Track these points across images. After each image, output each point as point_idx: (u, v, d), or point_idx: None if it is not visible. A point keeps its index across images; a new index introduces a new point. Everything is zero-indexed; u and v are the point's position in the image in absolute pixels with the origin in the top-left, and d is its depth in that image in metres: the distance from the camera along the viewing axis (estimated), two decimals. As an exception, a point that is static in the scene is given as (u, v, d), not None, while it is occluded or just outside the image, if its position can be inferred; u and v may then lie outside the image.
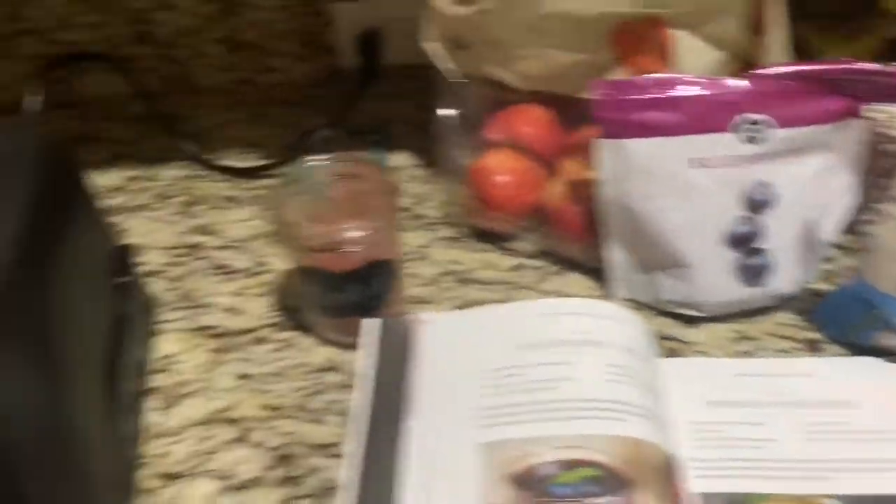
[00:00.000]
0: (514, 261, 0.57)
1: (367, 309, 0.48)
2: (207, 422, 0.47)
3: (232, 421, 0.47)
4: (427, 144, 0.68)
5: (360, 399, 0.42)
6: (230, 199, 0.64)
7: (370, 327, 0.45)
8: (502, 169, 0.55)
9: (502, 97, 0.57)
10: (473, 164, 0.56)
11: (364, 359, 0.44)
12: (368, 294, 0.48)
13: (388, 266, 0.48)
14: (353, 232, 0.45)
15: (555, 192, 0.54)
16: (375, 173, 0.47)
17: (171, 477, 0.44)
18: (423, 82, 0.75)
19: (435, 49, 0.55)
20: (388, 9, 0.72)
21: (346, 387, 0.48)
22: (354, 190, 0.47)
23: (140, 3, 0.70)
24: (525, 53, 0.51)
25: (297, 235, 0.47)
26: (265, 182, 0.65)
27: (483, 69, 0.55)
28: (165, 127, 0.68)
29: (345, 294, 0.47)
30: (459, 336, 0.44)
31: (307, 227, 0.46)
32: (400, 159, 0.67)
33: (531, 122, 0.57)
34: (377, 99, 0.71)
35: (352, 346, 0.50)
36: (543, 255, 0.56)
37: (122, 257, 0.49)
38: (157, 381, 0.49)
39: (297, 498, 0.43)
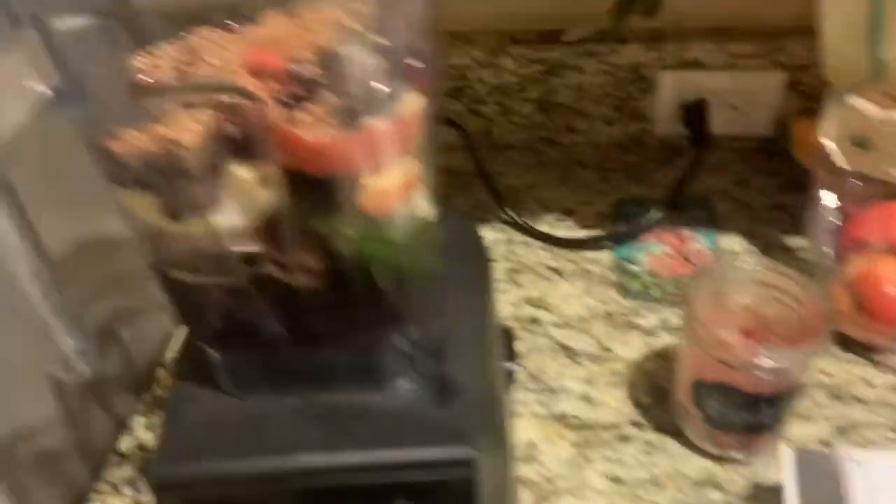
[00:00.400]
0: (892, 379, 0.51)
1: (767, 429, 0.45)
2: (588, 528, 0.45)
3: (614, 530, 0.44)
4: (752, 225, 0.64)
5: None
6: (554, 270, 0.62)
7: (789, 458, 0.42)
8: (896, 279, 0.50)
9: (882, 196, 0.52)
10: (860, 270, 0.51)
11: (788, 495, 0.40)
12: (775, 415, 0.44)
13: (799, 389, 0.44)
14: (782, 359, 0.41)
15: (962, 314, 0.49)
16: (808, 293, 0.43)
17: (564, 588, 0.42)
18: (741, 155, 0.72)
19: (830, 144, 0.51)
20: (712, 80, 0.69)
21: (735, 509, 0.45)
22: (783, 304, 0.43)
23: (465, 61, 0.70)
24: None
25: (709, 341, 0.43)
26: (587, 255, 0.63)
27: (884, 172, 0.50)
28: (482, 184, 0.68)
29: (754, 415, 0.43)
30: (901, 484, 0.40)
31: (726, 338, 0.43)
32: (727, 241, 0.63)
33: (911, 225, 0.52)
34: (695, 171, 0.67)
35: (731, 461, 0.47)
36: (928, 377, 0.51)
37: (508, 340, 0.47)
38: (524, 471, 0.47)
39: None
